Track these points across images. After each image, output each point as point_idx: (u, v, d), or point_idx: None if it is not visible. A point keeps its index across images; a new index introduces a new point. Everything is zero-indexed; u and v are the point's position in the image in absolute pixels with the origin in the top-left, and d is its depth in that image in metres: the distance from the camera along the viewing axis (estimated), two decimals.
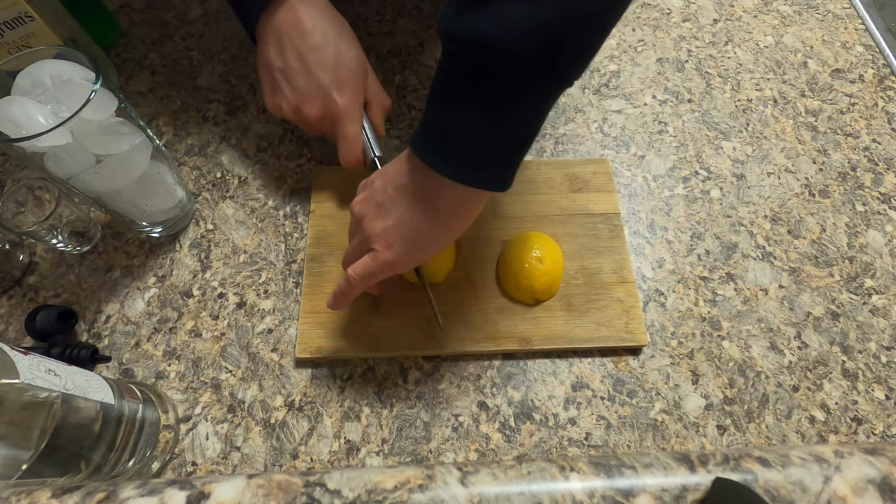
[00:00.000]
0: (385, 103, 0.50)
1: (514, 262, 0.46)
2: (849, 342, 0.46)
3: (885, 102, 0.59)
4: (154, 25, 0.64)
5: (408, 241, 0.36)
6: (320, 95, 0.46)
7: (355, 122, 0.47)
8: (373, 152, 0.47)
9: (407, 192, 0.36)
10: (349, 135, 0.47)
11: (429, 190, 0.35)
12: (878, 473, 0.27)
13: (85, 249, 0.50)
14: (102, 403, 0.35)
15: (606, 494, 0.27)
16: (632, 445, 0.42)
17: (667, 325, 0.47)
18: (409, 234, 0.36)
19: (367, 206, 0.38)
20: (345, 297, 0.40)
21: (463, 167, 0.33)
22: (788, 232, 0.51)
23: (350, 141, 0.47)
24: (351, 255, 0.40)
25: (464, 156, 0.33)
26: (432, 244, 0.37)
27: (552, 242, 0.47)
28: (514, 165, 0.35)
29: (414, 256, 0.37)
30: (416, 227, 0.36)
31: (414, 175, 0.36)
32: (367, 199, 0.38)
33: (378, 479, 0.28)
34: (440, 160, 0.34)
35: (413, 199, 0.36)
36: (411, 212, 0.36)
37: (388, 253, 0.37)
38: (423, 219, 0.36)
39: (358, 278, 0.38)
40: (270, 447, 0.42)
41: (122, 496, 0.27)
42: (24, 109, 0.38)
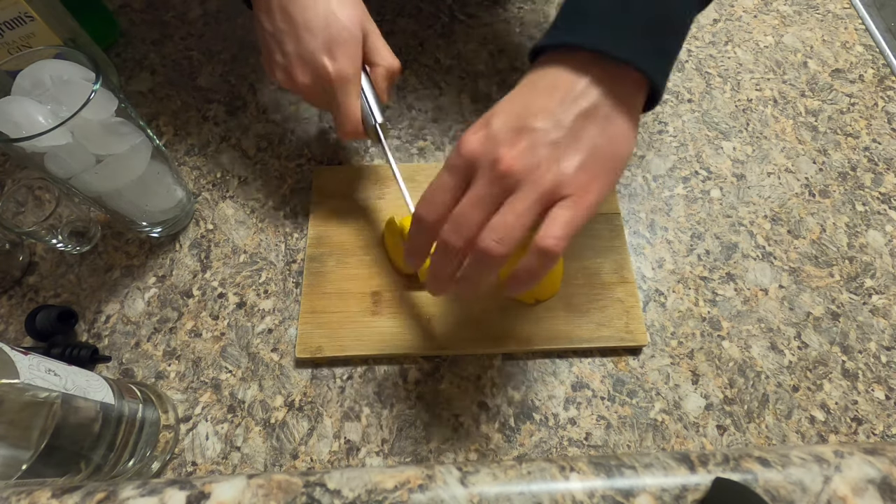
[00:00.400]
0: (391, 66, 0.44)
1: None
2: (849, 342, 0.46)
3: (885, 102, 0.59)
4: (154, 25, 0.64)
5: (609, 168, 0.30)
6: (310, 61, 0.40)
7: (350, 89, 0.41)
8: (373, 119, 0.43)
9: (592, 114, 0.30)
10: (342, 102, 0.41)
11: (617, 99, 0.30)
12: (878, 473, 0.27)
13: (85, 249, 0.50)
14: (102, 403, 0.35)
15: (606, 494, 0.27)
16: (632, 445, 0.42)
17: (667, 325, 0.47)
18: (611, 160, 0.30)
19: (534, 154, 0.29)
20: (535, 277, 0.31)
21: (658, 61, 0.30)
22: (788, 232, 0.51)
23: (344, 109, 0.42)
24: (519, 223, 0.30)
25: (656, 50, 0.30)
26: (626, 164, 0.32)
27: None
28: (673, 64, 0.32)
29: (612, 185, 0.31)
30: (616, 150, 0.31)
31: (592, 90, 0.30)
32: (533, 145, 0.30)
33: (378, 479, 0.28)
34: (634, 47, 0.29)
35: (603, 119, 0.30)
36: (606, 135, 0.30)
37: (591, 192, 0.30)
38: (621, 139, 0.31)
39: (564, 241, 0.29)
40: (270, 447, 0.42)
41: (122, 496, 0.27)
42: (24, 109, 0.37)
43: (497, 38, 0.63)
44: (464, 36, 0.63)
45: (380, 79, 0.44)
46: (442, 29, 0.64)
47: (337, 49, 0.40)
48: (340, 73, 0.40)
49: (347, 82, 0.41)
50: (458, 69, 0.61)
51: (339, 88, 0.41)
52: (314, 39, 0.40)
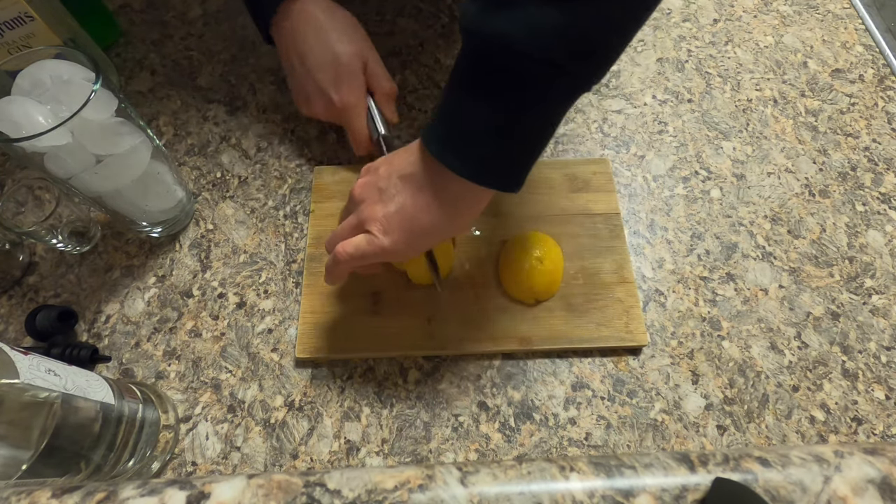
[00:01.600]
0: (388, 90, 0.50)
1: (514, 263, 0.46)
2: (849, 342, 0.46)
3: (885, 102, 0.59)
4: (154, 25, 0.64)
5: (407, 229, 0.36)
6: (322, 95, 0.48)
7: (357, 116, 0.49)
8: (377, 132, 0.50)
9: (412, 181, 0.36)
10: (353, 128, 0.50)
11: (436, 182, 0.35)
12: (878, 473, 0.27)
13: (85, 249, 0.50)
14: (102, 403, 0.35)
15: (606, 494, 0.27)
16: (632, 445, 0.42)
17: (667, 325, 0.47)
18: (410, 222, 0.36)
19: (368, 189, 0.38)
20: (330, 273, 0.40)
21: (475, 166, 0.34)
22: (788, 232, 0.51)
23: (354, 133, 0.50)
24: (341, 233, 0.39)
25: (477, 154, 0.33)
26: (432, 235, 0.37)
27: (552, 242, 0.47)
28: (527, 168, 0.35)
29: (410, 245, 0.37)
30: (418, 217, 0.36)
31: (421, 166, 0.36)
32: (370, 183, 0.38)
33: (378, 479, 0.28)
34: (452, 156, 0.34)
35: (417, 188, 0.36)
36: (414, 200, 0.36)
37: (384, 238, 0.36)
38: (426, 209, 0.36)
39: (346, 256, 0.38)
40: (270, 447, 0.42)
41: (122, 496, 0.27)
42: (24, 109, 0.38)
43: None
44: None
45: (381, 103, 0.51)
46: (442, 29, 0.64)
47: (341, 83, 0.48)
48: (345, 104, 0.48)
49: (352, 110, 0.49)
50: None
51: (346, 115, 0.49)
52: (324, 77, 0.48)
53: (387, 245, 0.36)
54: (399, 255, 0.38)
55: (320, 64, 0.47)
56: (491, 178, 0.34)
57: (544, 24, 0.29)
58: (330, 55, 0.47)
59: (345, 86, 0.48)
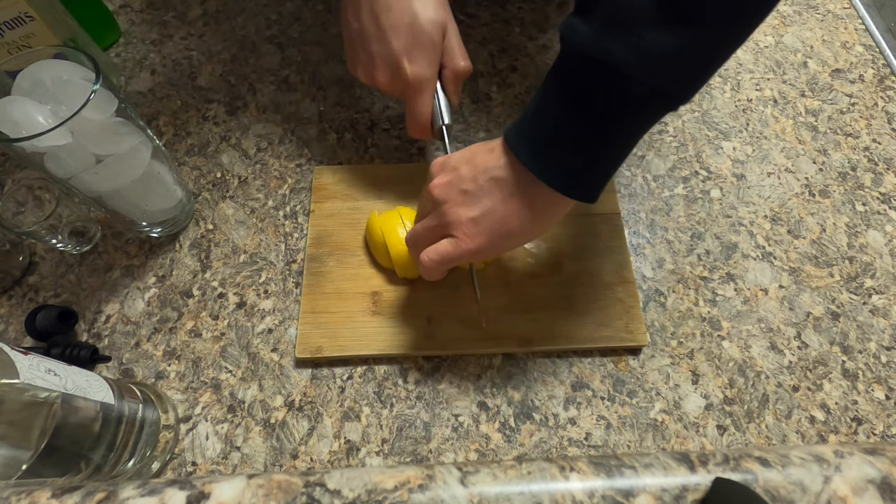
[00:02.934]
0: (460, 70, 0.45)
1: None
2: (849, 342, 0.46)
3: (885, 102, 0.59)
4: (154, 25, 0.64)
5: (495, 233, 0.36)
6: (391, 63, 0.43)
7: (425, 92, 0.44)
8: (441, 120, 0.45)
9: (502, 186, 0.35)
10: (416, 106, 0.44)
11: (527, 190, 0.35)
12: (878, 473, 0.27)
13: (85, 249, 0.50)
14: (102, 403, 0.35)
15: (606, 494, 0.27)
16: (632, 445, 0.42)
17: (667, 325, 0.47)
18: (498, 226, 0.36)
19: (451, 190, 0.37)
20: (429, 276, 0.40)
21: (567, 179, 0.34)
22: (788, 232, 0.51)
23: (416, 112, 0.45)
24: (423, 236, 0.39)
25: (569, 168, 0.34)
26: (517, 239, 0.37)
27: None
28: (607, 181, 0.36)
29: (496, 248, 0.37)
30: (507, 222, 0.36)
31: (511, 172, 0.35)
32: (452, 184, 0.37)
33: (378, 479, 0.28)
34: (546, 168, 0.34)
35: (508, 194, 0.35)
36: (504, 205, 0.35)
37: (471, 242, 0.36)
38: (515, 215, 0.35)
39: (433, 264, 0.38)
40: (270, 447, 0.42)
41: (122, 496, 0.27)
42: (24, 109, 0.37)
43: (497, 38, 0.63)
44: (464, 36, 0.63)
45: (448, 81, 0.45)
46: None
47: (417, 53, 0.42)
48: (417, 77, 0.43)
49: (422, 85, 0.43)
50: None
51: (414, 90, 0.44)
52: (398, 42, 0.42)
53: (473, 248, 0.36)
54: (481, 257, 0.38)
55: (397, 27, 0.42)
56: (580, 191, 0.35)
57: (658, 51, 0.29)
58: (409, 19, 0.42)
59: (421, 56, 0.42)
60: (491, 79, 0.60)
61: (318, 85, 0.60)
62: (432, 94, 0.44)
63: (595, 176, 0.35)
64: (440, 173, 0.39)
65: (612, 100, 0.31)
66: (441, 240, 0.38)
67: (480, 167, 0.36)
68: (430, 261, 0.38)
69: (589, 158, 0.34)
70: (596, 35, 0.30)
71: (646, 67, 0.30)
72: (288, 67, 0.61)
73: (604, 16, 0.30)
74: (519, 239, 0.37)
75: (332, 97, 0.59)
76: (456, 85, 0.46)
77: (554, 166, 0.34)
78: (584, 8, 0.31)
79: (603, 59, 0.30)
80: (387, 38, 0.42)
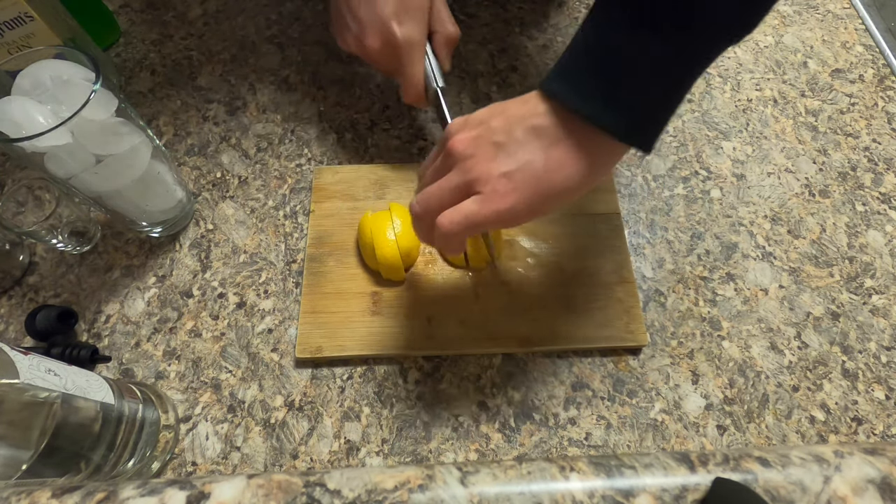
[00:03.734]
0: (451, 33, 0.45)
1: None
2: (849, 342, 0.46)
3: (885, 102, 0.59)
4: (154, 25, 0.64)
5: (534, 188, 0.31)
6: (380, 27, 0.42)
7: (416, 55, 0.43)
8: (435, 83, 0.45)
9: (544, 134, 0.31)
10: (409, 70, 0.44)
11: (575, 136, 0.31)
12: (878, 473, 0.27)
13: (85, 249, 0.50)
14: (102, 403, 0.35)
15: (606, 494, 0.27)
16: (632, 445, 0.42)
17: (667, 325, 0.47)
18: (539, 181, 0.31)
19: (479, 144, 0.32)
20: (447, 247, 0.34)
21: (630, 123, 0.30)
22: (788, 232, 0.51)
23: (410, 76, 0.44)
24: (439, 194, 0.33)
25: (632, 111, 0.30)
26: (560, 196, 0.32)
27: None
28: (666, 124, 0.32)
29: (533, 208, 0.31)
30: (550, 175, 0.31)
31: (555, 118, 0.31)
32: (482, 137, 0.32)
33: (378, 479, 0.28)
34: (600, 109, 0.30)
35: (551, 142, 0.31)
36: (546, 155, 0.31)
37: (503, 200, 0.31)
38: (560, 166, 0.31)
39: (456, 227, 0.32)
40: (270, 447, 0.42)
41: (122, 496, 0.27)
42: (24, 109, 0.38)
43: (497, 38, 0.63)
44: (464, 36, 0.63)
45: (439, 45, 0.45)
46: None
47: (405, 16, 0.42)
48: (408, 39, 0.43)
49: (413, 48, 0.43)
50: (458, 69, 0.61)
51: (405, 54, 0.43)
52: (386, 6, 0.42)
53: (505, 208, 0.31)
54: (516, 221, 0.32)
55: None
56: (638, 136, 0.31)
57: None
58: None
59: (410, 20, 0.42)
60: (491, 79, 0.60)
61: (318, 85, 0.60)
62: (423, 56, 0.44)
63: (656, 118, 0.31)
64: (463, 129, 0.33)
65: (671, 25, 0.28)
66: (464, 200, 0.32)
67: (515, 116, 0.32)
68: (451, 223, 0.32)
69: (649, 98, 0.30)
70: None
71: None
72: (288, 67, 0.61)
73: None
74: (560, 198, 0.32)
75: (332, 97, 0.59)
76: (448, 49, 0.46)
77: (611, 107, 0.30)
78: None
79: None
80: (375, 4, 0.42)
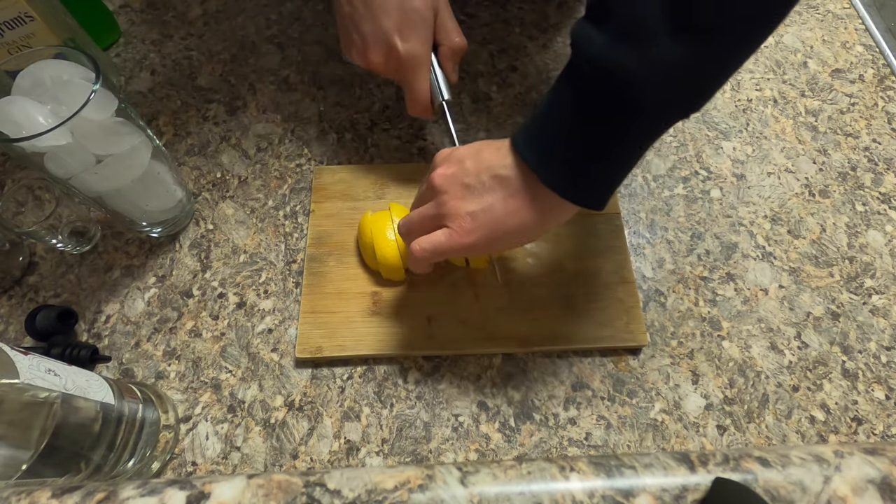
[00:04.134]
0: (457, 46, 0.46)
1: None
2: (849, 342, 0.46)
3: (885, 102, 0.59)
4: (154, 25, 0.64)
5: (490, 230, 0.36)
6: (384, 42, 0.43)
7: (420, 70, 0.44)
8: (441, 96, 0.45)
9: (505, 184, 0.35)
10: (413, 83, 0.45)
11: (530, 191, 0.35)
12: (878, 473, 0.27)
13: (85, 249, 0.50)
14: (102, 403, 0.35)
15: (606, 494, 0.27)
16: (632, 445, 0.42)
17: (667, 325, 0.47)
18: (496, 223, 0.35)
19: (453, 182, 0.37)
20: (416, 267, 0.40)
21: (574, 186, 0.34)
22: (788, 232, 0.51)
23: (414, 90, 0.45)
24: (419, 222, 0.39)
25: (577, 175, 0.34)
26: (512, 239, 0.37)
27: None
28: (615, 188, 0.35)
29: (490, 246, 0.37)
30: (506, 220, 0.35)
31: (516, 172, 0.35)
32: (455, 175, 0.37)
33: (378, 479, 0.28)
34: (552, 174, 0.33)
35: (510, 193, 0.35)
36: (504, 204, 0.35)
37: (465, 236, 0.36)
38: (514, 214, 0.35)
39: (425, 253, 0.37)
40: (270, 447, 0.42)
41: (122, 496, 0.27)
42: (24, 109, 0.37)
43: (497, 38, 0.63)
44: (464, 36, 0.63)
45: (446, 58, 0.46)
46: None
47: (409, 31, 0.43)
48: (411, 54, 0.43)
49: (417, 63, 0.44)
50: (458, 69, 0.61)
51: (409, 68, 0.44)
52: (388, 21, 0.42)
53: (467, 243, 0.36)
54: (474, 253, 0.38)
55: (387, 6, 0.42)
56: (586, 198, 0.34)
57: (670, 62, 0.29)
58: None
59: (413, 34, 0.43)
60: (491, 79, 0.60)
61: (318, 85, 0.60)
62: (427, 71, 0.45)
63: (603, 183, 0.35)
64: (444, 163, 0.38)
65: (623, 108, 0.31)
66: (436, 230, 0.38)
67: (485, 163, 0.36)
68: (421, 250, 0.37)
69: (597, 166, 0.34)
70: (608, 45, 0.30)
71: (658, 78, 0.30)
72: (288, 67, 0.61)
73: (616, 26, 0.30)
74: (514, 240, 0.37)
75: (332, 97, 0.59)
76: (454, 61, 0.46)
77: (561, 173, 0.34)
78: (597, 15, 0.31)
79: (615, 70, 0.30)
80: (378, 18, 0.43)
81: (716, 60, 0.31)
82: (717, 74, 0.32)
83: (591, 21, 0.32)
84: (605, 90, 0.31)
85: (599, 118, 0.32)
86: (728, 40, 0.30)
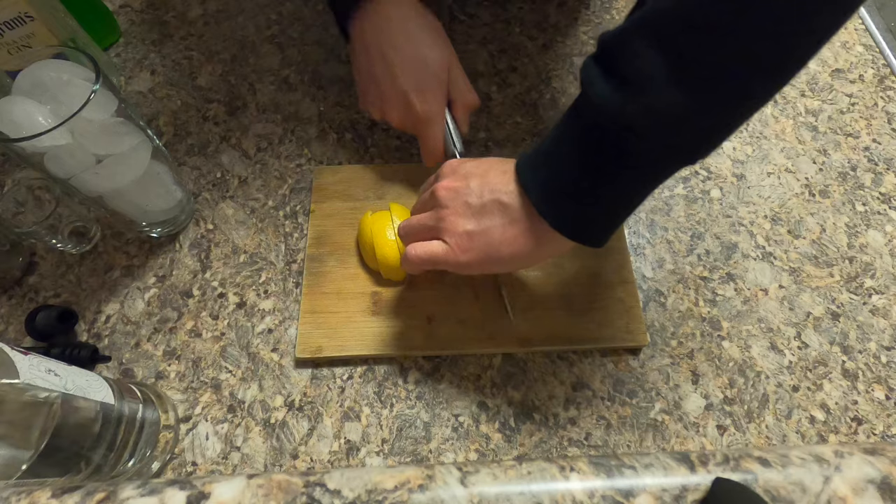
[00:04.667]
0: (469, 102, 0.48)
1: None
2: (849, 342, 0.46)
3: (885, 102, 0.59)
4: (154, 25, 0.64)
5: (485, 253, 0.36)
6: (402, 100, 0.45)
7: (435, 127, 0.46)
8: (454, 147, 0.47)
9: (506, 211, 0.36)
10: (428, 139, 0.47)
11: (529, 222, 0.35)
12: (878, 473, 0.27)
13: (85, 249, 0.50)
14: (102, 403, 0.35)
15: (606, 494, 0.27)
16: (632, 445, 0.42)
17: (667, 325, 0.47)
18: (491, 247, 0.36)
19: (455, 198, 0.37)
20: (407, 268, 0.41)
21: (573, 226, 0.34)
22: (788, 232, 0.51)
23: (429, 145, 0.47)
24: (416, 230, 0.40)
25: (576, 215, 0.34)
26: (505, 265, 0.37)
27: None
28: (616, 229, 0.36)
29: (483, 267, 0.37)
30: (502, 246, 0.36)
31: (518, 201, 0.35)
32: (459, 191, 0.38)
33: (378, 479, 0.28)
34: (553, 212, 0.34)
35: (509, 221, 0.36)
36: (503, 231, 0.36)
37: (461, 255, 0.37)
38: (510, 242, 0.36)
39: (418, 260, 0.38)
40: (270, 447, 0.42)
41: (122, 496, 0.27)
42: (24, 109, 0.37)
43: (497, 38, 0.63)
44: (464, 36, 0.63)
45: (458, 113, 0.48)
46: None
47: (425, 91, 0.45)
48: (427, 114, 0.45)
49: (432, 120, 0.46)
50: None
51: (424, 125, 0.46)
52: (407, 81, 0.45)
53: (461, 261, 0.37)
54: (467, 271, 0.38)
55: (406, 67, 0.45)
56: (585, 236, 0.35)
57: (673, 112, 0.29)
58: (418, 60, 0.45)
59: (429, 94, 0.45)
60: (491, 79, 0.60)
61: (318, 85, 0.60)
62: (442, 126, 0.47)
63: (603, 222, 0.35)
64: (451, 176, 0.39)
65: (627, 155, 0.32)
66: (432, 240, 0.38)
67: (490, 185, 0.37)
68: (415, 256, 0.38)
69: (598, 206, 0.34)
70: (612, 93, 0.30)
71: (661, 128, 0.30)
72: (288, 67, 0.61)
73: (620, 76, 0.30)
74: (507, 266, 0.38)
75: (332, 97, 0.59)
76: (465, 115, 0.49)
77: (561, 209, 0.34)
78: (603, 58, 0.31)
79: (618, 119, 0.30)
80: (396, 78, 0.45)
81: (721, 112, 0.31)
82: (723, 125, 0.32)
83: (597, 63, 0.32)
84: (608, 135, 0.31)
85: (600, 161, 0.32)
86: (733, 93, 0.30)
